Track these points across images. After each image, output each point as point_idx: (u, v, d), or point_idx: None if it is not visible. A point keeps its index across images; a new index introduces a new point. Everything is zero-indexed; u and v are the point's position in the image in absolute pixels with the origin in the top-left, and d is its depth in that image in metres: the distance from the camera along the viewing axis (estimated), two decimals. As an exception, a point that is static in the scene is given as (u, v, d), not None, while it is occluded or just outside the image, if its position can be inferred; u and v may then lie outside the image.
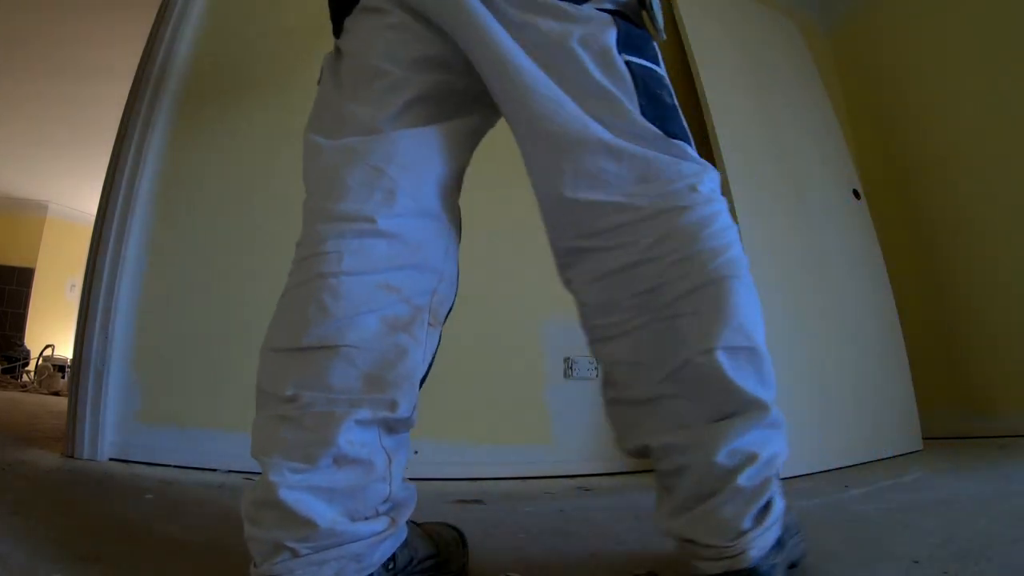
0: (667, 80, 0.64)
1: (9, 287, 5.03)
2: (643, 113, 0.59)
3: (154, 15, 1.57)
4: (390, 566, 0.59)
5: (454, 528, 0.76)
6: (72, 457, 1.28)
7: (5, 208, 5.15)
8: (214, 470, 1.31)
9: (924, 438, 1.77)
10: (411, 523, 0.66)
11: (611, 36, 0.60)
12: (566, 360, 1.65)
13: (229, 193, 1.50)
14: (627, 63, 0.60)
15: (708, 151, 1.77)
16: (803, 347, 1.61)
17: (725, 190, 1.72)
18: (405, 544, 0.62)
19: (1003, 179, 1.91)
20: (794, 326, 1.62)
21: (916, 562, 0.73)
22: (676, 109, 0.63)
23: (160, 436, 1.33)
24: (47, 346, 4.39)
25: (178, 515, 0.92)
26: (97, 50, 3.03)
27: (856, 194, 2.03)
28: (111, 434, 1.31)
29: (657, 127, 0.59)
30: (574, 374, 1.65)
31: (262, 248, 1.48)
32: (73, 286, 5.27)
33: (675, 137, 0.60)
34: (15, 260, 5.09)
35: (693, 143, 0.62)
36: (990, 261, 1.94)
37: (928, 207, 2.16)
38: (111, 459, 1.30)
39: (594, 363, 1.69)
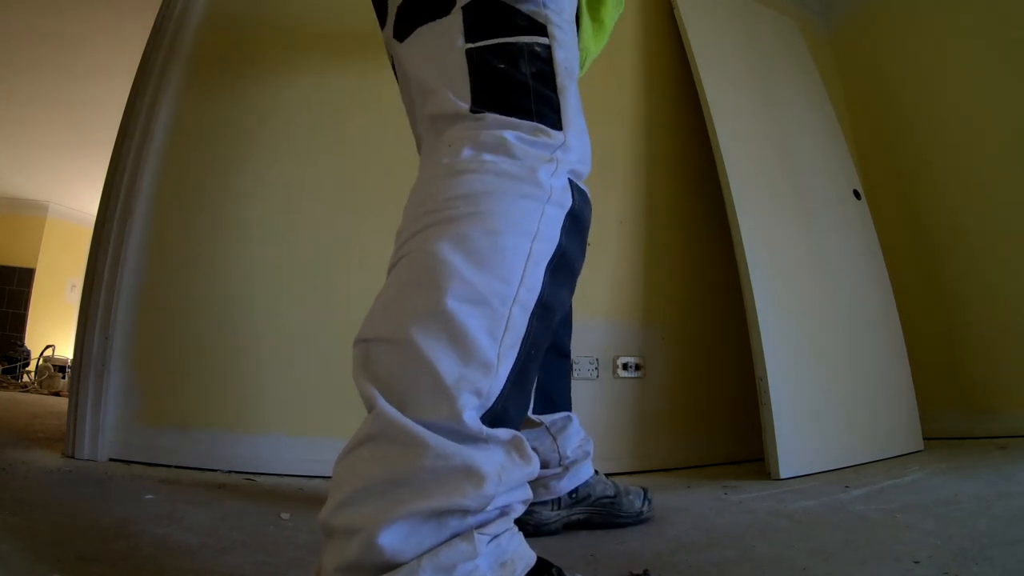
0: (524, 44, 0.61)
1: (9, 287, 5.03)
2: (474, 93, 0.59)
3: (155, 16, 1.57)
4: (573, 494, 0.99)
5: (643, 488, 1.06)
6: (72, 457, 1.28)
7: (6, 208, 5.15)
8: (215, 470, 1.31)
9: (924, 438, 1.77)
10: (602, 473, 1.04)
11: (457, 34, 0.62)
12: (566, 360, 1.65)
13: (230, 193, 1.50)
14: (468, 52, 0.61)
15: (708, 151, 1.77)
16: (803, 347, 1.61)
17: (725, 190, 1.74)
18: (588, 484, 1.00)
19: (1003, 179, 1.91)
20: (794, 326, 1.62)
21: (916, 562, 0.73)
22: (507, 77, 0.59)
23: (160, 436, 1.33)
24: (47, 346, 4.38)
25: (178, 515, 0.92)
26: (98, 50, 3.03)
27: (856, 194, 2.03)
28: (111, 434, 1.31)
29: (472, 103, 0.59)
30: (574, 374, 1.65)
31: (263, 248, 1.48)
32: (73, 286, 5.27)
33: (481, 109, 0.59)
34: (15, 260, 5.09)
35: (520, 107, 0.59)
36: (991, 261, 1.94)
37: (928, 207, 2.16)
38: (111, 459, 1.30)
39: (594, 363, 1.69)
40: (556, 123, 0.60)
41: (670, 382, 1.79)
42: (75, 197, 5.13)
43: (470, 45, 0.61)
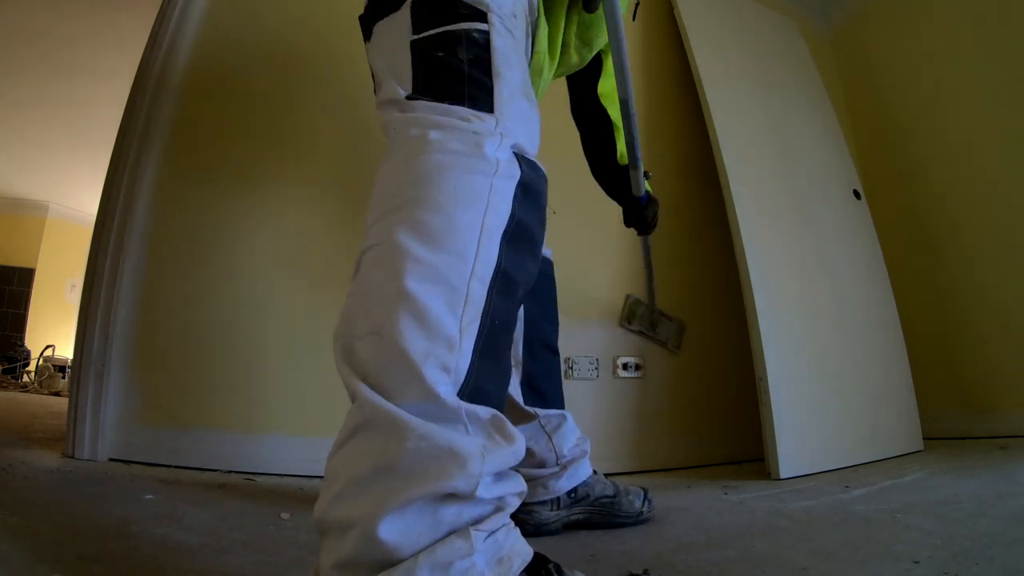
0: (462, 30, 0.62)
1: (9, 287, 5.03)
2: (414, 81, 0.61)
3: (155, 15, 1.57)
4: (572, 494, 1.00)
5: (643, 488, 1.06)
6: (72, 457, 1.28)
7: (6, 208, 5.15)
8: (214, 470, 1.31)
9: (924, 438, 1.77)
10: (600, 473, 1.06)
11: (406, 28, 0.64)
12: (566, 360, 1.65)
13: (230, 193, 1.50)
14: (412, 43, 0.63)
15: (708, 150, 1.77)
16: (803, 347, 1.61)
17: (725, 190, 1.74)
18: (587, 484, 1.01)
19: (1003, 179, 1.91)
20: (794, 326, 1.62)
21: (916, 562, 0.73)
22: (445, 64, 0.61)
23: (160, 436, 1.33)
24: (47, 346, 4.38)
25: (178, 515, 0.92)
26: (98, 50, 3.03)
27: (856, 194, 2.03)
28: (111, 434, 1.31)
29: (411, 91, 0.61)
30: (574, 374, 1.65)
31: (262, 248, 1.48)
32: (73, 286, 5.26)
33: (416, 96, 0.61)
34: (16, 260, 5.09)
35: (453, 92, 0.60)
36: (990, 261, 1.94)
37: (928, 207, 2.16)
38: (111, 459, 1.30)
39: (594, 363, 1.69)
40: (489, 106, 0.60)
41: (670, 382, 1.79)
42: (75, 197, 5.12)
43: (415, 37, 0.63)
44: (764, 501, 1.19)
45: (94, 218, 1.46)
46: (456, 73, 0.61)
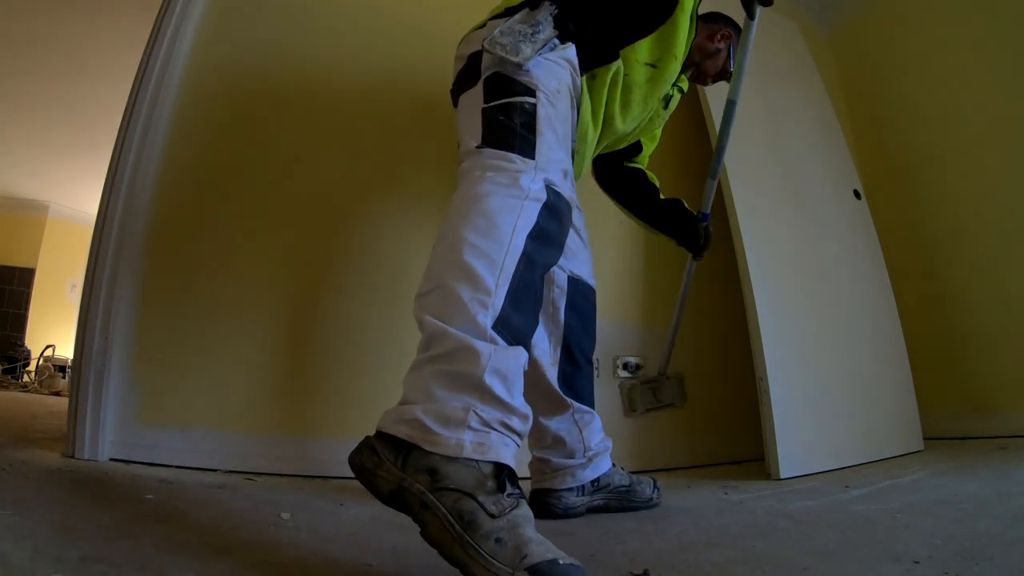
0: (518, 102, 0.90)
1: (10, 287, 5.03)
2: (482, 137, 0.89)
3: (155, 16, 1.57)
4: (595, 483, 1.17)
5: (653, 478, 1.24)
6: (72, 457, 1.28)
7: (6, 208, 5.15)
8: (214, 470, 1.31)
9: (924, 438, 1.77)
10: (619, 466, 1.23)
11: (479, 98, 0.93)
12: (566, 360, 1.65)
13: (230, 194, 1.50)
14: (483, 110, 0.91)
15: (708, 150, 1.77)
16: (803, 347, 1.61)
17: (725, 190, 1.74)
18: (607, 475, 1.18)
19: (1003, 179, 1.91)
20: (794, 326, 1.62)
21: (916, 562, 0.73)
22: (504, 125, 0.89)
23: (160, 436, 1.33)
24: (48, 346, 4.38)
25: (178, 515, 0.92)
26: (98, 51, 3.03)
27: (856, 194, 2.03)
28: (111, 434, 1.31)
29: (480, 143, 0.89)
30: (574, 374, 1.65)
31: (262, 249, 1.48)
32: (74, 286, 5.27)
33: (483, 146, 0.88)
34: (16, 260, 5.09)
35: (507, 144, 0.87)
36: (990, 261, 1.94)
37: (928, 207, 2.16)
38: (111, 459, 1.30)
39: (595, 364, 1.68)
40: (531, 155, 0.87)
41: (670, 382, 1.79)
42: (75, 197, 5.12)
43: (485, 105, 0.91)
44: (764, 501, 1.19)
45: (94, 218, 1.46)
46: (511, 131, 0.88)
